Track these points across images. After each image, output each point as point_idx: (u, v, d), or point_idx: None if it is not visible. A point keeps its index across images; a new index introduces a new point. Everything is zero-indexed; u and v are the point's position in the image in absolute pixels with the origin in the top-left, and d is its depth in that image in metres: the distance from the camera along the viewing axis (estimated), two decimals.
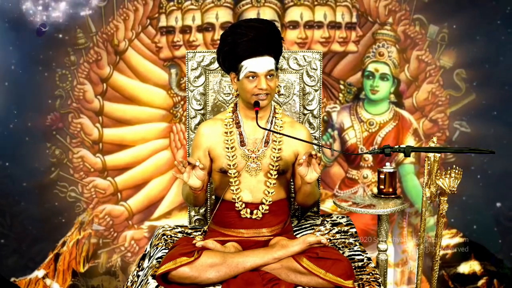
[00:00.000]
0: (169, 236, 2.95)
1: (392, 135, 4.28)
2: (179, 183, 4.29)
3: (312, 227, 3.03)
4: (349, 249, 2.85)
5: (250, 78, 2.66)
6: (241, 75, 2.68)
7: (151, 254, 2.88)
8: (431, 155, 2.66)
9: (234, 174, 2.74)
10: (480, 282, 4.26)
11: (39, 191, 4.24)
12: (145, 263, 2.89)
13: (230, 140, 2.76)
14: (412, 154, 3.32)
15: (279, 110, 2.82)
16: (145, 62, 4.24)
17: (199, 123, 3.06)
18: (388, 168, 3.03)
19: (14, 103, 4.20)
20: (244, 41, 2.63)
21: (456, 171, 2.62)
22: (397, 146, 2.53)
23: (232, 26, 2.72)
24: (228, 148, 2.75)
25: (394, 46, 4.21)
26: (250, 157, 2.75)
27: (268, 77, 2.67)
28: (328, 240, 2.83)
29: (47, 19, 4.18)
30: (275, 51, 2.71)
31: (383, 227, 3.00)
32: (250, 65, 2.65)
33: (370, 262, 2.73)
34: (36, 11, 4.19)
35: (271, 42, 2.69)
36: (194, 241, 2.61)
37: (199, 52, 3.11)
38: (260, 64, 2.65)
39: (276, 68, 2.73)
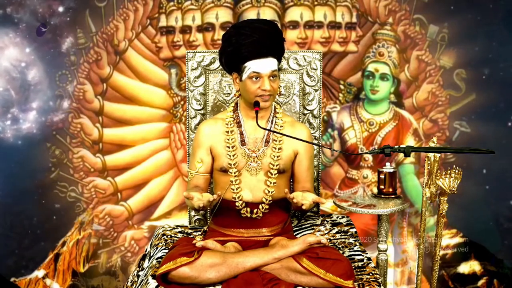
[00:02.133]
0: (169, 236, 2.95)
1: (392, 135, 4.28)
2: (179, 183, 4.29)
3: (312, 227, 3.03)
4: (349, 249, 2.85)
5: (254, 79, 2.67)
6: (244, 76, 2.68)
7: (151, 254, 2.88)
8: (431, 155, 2.66)
9: (234, 173, 2.75)
10: (480, 282, 4.27)
11: (39, 191, 4.24)
12: (145, 263, 2.89)
13: (231, 139, 2.76)
14: (412, 154, 3.32)
15: (279, 110, 2.83)
16: (145, 62, 4.24)
17: (199, 123, 3.06)
18: (388, 168, 3.03)
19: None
20: (249, 42, 2.64)
21: (456, 171, 2.62)
22: (397, 146, 2.53)
23: (235, 27, 2.72)
24: (229, 147, 2.75)
25: (394, 46, 4.21)
26: (251, 156, 2.76)
27: (271, 78, 2.68)
28: (328, 240, 2.83)
29: (17, 133, 4.11)
30: (278, 52, 2.72)
31: (383, 227, 3.00)
32: (254, 66, 2.65)
33: (370, 262, 2.73)
34: (5, 127, 4.11)
35: (275, 44, 2.70)
36: (194, 241, 2.61)
37: (199, 52, 3.11)
38: (264, 65, 2.65)
39: (278, 69, 2.74)
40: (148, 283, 2.55)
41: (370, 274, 2.62)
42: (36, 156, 4.21)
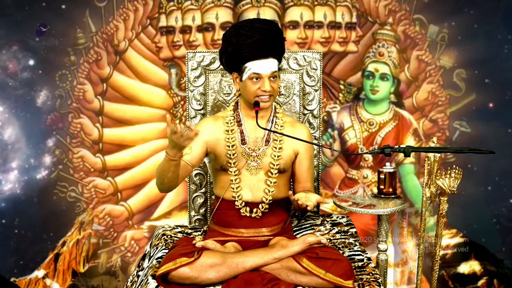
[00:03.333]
0: (169, 236, 2.95)
1: (392, 135, 4.28)
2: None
3: (312, 227, 3.03)
4: (349, 249, 2.84)
5: (254, 79, 2.67)
6: (245, 76, 2.68)
7: (151, 254, 2.88)
8: (431, 155, 2.66)
9: (234, 172, 2.75)
10: (480, 282, 4.26)
11: (39, 191, 4.24)
12: (145, 263, 2.89)
13: (231, 139, 2.76)
14: (412, 154, 3.32)
15: (279, 110, 2.83)
16: (145, 62, 4.24)
17: (198, 123, 3.05)
18: (388, 168, 3.03)
19: (14, 103, 4.20)
20: (249, 43, 2.63)
21: (456, 171, 2.62)
22: (397, 146, 2.53)
23: (236, 27, 2.71)
24: (229, 146, 2.75)
25: (394, 46, 4.21)
26: (251, 155, 2.76)
27: (271, 78, 2.68)
28: (328, 240, 2.83)
29: (0, 195, 4.06)
30: (279, 52, 2.72)
31: (383, 227, 3.00)
32: (254, 66, 2.65)
33: (370, 262, 2.73)
34: None
35: (275, 44, 2.69)
36: (194, 241, 2.61)
37: (199, 52, 3.11)
38: (264, 66, 2.65)
39: (279, 69, 2.73)
40: (148, 283, 2.55)
41: (370, 274, 2.62)
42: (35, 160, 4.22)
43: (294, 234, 2.93)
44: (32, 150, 4.16)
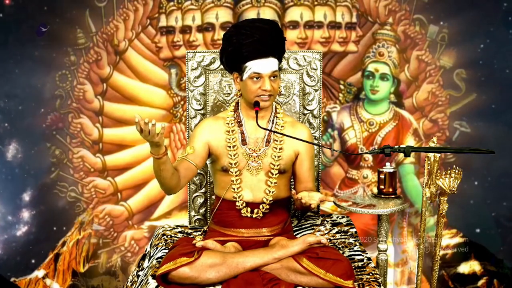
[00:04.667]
0: (169, 236, 2.95)
1: (392, 135, 4.28)
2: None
3: (312, 227, 3.03)
4: (349, 249, 2.85)
5: (254, 79, 2.67)
6: (245, 76, 2.68)
7: (151, 254, 2.88)
8: (431, 155, 2.66)
9: (235, 172, 2.75)
10: (480, 282, 4.27)
11: (39, 191, 4.24)
12: (145, 263, 2.89)
13: (232, 139, 2.76)
14: (412, 154, 3.32)
15: (280, 110, 2.83)
16: (145, 62, 4.24)
17: (199, 123, 3.06)
18: (388, 168, 3.03)
19: (14, 103, 4.20)
20: (249, 42, 2.63)
21: (456, 171, 2.62)
22: (397, 146, 2.53)
23: (236, 26, 2.72)
24: (229, 147, 2.75)
25: (394, 46, 4.21)
26: (251, 156, 2.76)
27: (271, 78, 2.68)
28: (328, 240, 2.83)
29: None
30: (279, 52, 2.72)
31: (383, 227, 3.00)
32: (254, 66, 2.65)
33: (370, 262, 2.73)
34: None
35: (275, 44, 2.69)
36: (194, 241, 2.61)
37: (199, 52, 3.11)
38: (265, 65, 2.65)
39: (279, 69, 2.74)
40: (148, 283, 2.55)
41: (370, 274, 2.62)
42: (36, 160, 4.21)
43: (294, 234, 2.93)
44: (7, 207, 4.16)
